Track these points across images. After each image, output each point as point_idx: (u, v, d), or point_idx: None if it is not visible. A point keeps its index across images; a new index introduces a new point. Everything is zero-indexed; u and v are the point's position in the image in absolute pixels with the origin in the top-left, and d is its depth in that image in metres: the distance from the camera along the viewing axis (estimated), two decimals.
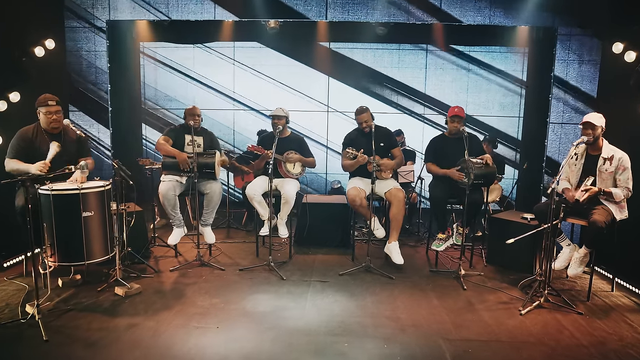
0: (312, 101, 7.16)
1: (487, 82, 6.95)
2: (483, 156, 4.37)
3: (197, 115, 4.59)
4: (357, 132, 4.80)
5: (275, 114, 4.78)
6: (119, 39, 6.28)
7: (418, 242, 5.51)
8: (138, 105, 7.00)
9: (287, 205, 4.63)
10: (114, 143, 6.26)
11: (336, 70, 7.08)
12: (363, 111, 4.60)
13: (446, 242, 4.55)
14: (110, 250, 3.69)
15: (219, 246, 5.12)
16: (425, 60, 6.98)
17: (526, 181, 6.29)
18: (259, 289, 3.95)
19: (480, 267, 4.65)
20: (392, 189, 4.52)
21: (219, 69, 7.12)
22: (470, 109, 6.87)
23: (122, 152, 6.04)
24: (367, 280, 4.20)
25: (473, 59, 6.93)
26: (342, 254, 4.96)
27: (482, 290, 4.01)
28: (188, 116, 4.57)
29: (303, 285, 4.06)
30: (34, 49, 4.75)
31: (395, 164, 4.71)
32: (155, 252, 4.86)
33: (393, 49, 6.98)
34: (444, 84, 7.02)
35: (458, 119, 4.47)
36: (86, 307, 3.49)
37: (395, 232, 4.49)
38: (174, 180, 4.48)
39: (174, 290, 3.90)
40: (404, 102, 7.11)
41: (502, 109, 6.98)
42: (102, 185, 3.56)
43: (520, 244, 3.82)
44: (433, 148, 4.70)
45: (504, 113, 6.97)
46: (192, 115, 4.55)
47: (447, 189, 4.46)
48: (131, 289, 3.75)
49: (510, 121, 6.98)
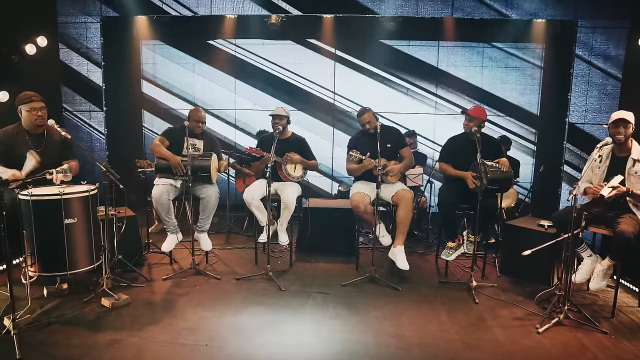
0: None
1: (502, 79, 6.59)
2: (499, 159, 4.07)
3: (201, 121, 4.37)
4: (361, 134, 4.53)
5: (276, 114, 4.53)
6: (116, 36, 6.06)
7: (427, 249, 5.20)
8: (139, 106, 6.80)
9: (287, 211, 4.37)
10: (109, 144, 6.04)
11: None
12: (364, 112, 4.34)
13: (456, 251, 4.24)
14: (96, 258, 3.46)
15: (217, 253, 4.88)
16: (437, 57, 6.67)
17: (543, 185, 5.95)
18: (255, 300, 3.69)
19: (493, 277, 4.34)
20: (400, 191, 4.24)
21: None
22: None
23: (119, 154, 5.85)
24: (371, 291, 3.93)
25: (489, 56, 6.59)
26: (346, 262, 4.69)
27: (495, 304, 3.71)
28: (191, 119, 4.35)
29: (302, 296, 3.80)
30: (25, 46, 4.56)
31: (402, 166, 4.42)
32: (149, 259, 4.64)
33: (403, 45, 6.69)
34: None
35: (469, 117, 4.17)
36: (69, 320, 3.26)
37: (401, 236, 4.20)
38: (168, 184, 4.25)
39: (164, 301, 3.66)
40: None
41: (517, 108, 6.62)
42: (86, 190, 3.33)
43: (536, 253, 3.52)
44: (449, 148, 4.42)
45: (520, 113, 6.61)
46: (196, 122, 4.34)
47: (458, 193, 4.16)
48: (118, 300, 3.52)
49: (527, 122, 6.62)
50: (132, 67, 6.60)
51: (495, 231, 5.15)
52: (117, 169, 4.67)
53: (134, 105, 6.69)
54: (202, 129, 4.43)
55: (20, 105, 3.61)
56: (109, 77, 6.10)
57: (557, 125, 6.07)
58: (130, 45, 6.47)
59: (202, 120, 4.39)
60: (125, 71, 6.48)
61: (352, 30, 6.27)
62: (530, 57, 6.44)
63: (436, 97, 6.68)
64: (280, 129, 4.40)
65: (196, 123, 4.34)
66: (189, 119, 4.40)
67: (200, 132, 4.40)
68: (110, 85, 6.21)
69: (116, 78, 6.26)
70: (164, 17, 6.04)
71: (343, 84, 6.77)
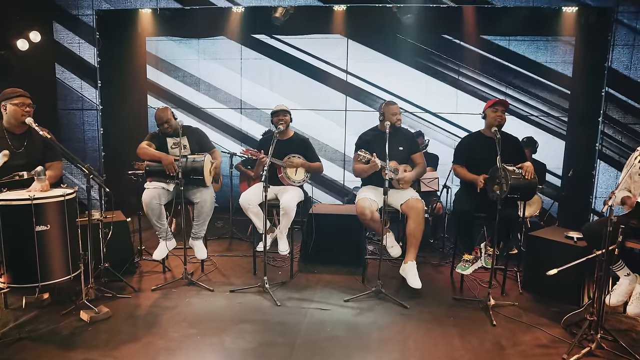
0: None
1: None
2: (522, 164, 3.63)
3: (164, 121, 4.01)
4: (373, 132, 4.15)
5: (280, 109, 4.18)
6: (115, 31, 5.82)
7: (442, 260, 4.78)
8: (143, 105, 6.57)
9: (287, 217, 4.03)
10: (105, 145, 5.81)
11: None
12: (393, 103, 4.00)
13: (473, 264, 3.82)
14: (74, 268, 3.19)
15: (215, 260, 4.58)
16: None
17: (572, 192, 5.43)
18: (247, 317, 3.36)
19: (514, 294, 3.89)
20: (410, 200, 3.85)
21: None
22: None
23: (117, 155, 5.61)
24: (375, 309, 3.55)
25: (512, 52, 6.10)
26: (352, 273, 4.31)
27: (515, 327, 3.27)
28: (159, 126, 4.06)
29: (299, 313, 3.45)
30: (17, 41, 4.35)
31: (414, 174, 4.03)
32: (143, 267, 4.37)
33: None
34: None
35: (503, 107, 3.75)
36: (41, 336, 3.00)
37: (412, 251, 3.81)
38: (160, 187, 3.97)
39: (148, 315, 3.37)
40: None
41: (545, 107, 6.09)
42: (60, 194, 3.06)
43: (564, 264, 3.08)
44: (465, 148, 4.00)
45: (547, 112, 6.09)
46: (162, 124, 4.02)
47: (475, 200, 3.75)
48: (98, 313, 3.24)
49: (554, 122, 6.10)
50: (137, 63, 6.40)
51: (517, 240, 4.68)
52: (116, 170, 4.40)
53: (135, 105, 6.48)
54: (173, 128, 4.03)
55: (5, 101, 3.37)
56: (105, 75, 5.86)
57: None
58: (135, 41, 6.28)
59: (164, 120, 4.02)
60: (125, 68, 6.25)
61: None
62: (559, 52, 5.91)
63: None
64: (282, 129, 4.07)
65: (162, 125, 4.02)
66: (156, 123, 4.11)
67: (171, 131, 4.04)
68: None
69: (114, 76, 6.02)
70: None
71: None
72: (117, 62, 5.96)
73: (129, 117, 6.18)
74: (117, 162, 5.43)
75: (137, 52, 6.37)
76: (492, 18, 5.63)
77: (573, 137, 5.88)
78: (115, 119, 5.94)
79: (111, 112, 5.85)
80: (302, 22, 5.92)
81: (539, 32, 5.82)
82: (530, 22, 5.58)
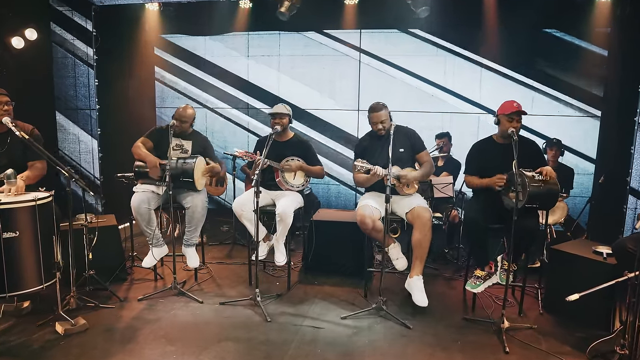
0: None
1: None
2: (542, 168, 3.23)
3: (183, 119, 3.81)
4: (369, 137, 3.82)
5: (276, 112, 3.91)
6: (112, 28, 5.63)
7: (456, 272, 4.39)
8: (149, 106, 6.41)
9: (283, 225, 3.74)
10: (102, 146, 5.60)
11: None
12: (377, 109, 3.61)
13: (486, 281, 3.43)
14: (47, 277, 2.99)
15: (212, 268, 4.35)
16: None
17: (603, 200, 4.92)
18: (231, 334, 3.09)
19: (533, 315, 3.48)
20: (416, 208, 3.49)
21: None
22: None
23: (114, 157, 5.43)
24: (374, 329, 3.21)
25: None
26: (355, 286, 3.98)
27: (531, 356, 2.88)
28: (175, 117, 3.84)
29: (289, 331, 3.15)
30: (11, 39, 4.23)
31: (419, 174, 3.66)
32: (136, 274, 4.16)
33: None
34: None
35: (520, 117, 3.35)
36: (9, 349, 2.81)
37: (418, 264, 3.46)
38: (149, 191, 3.75)
39: (127, 328, 3.14)
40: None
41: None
42: (31, 199, 2.86)
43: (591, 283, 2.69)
44: (476, 156, 3.61)
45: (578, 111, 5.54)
46: (178, 120, 3.80)
47: (489, 209, 3.37)
48: (74, 325, 3.04)
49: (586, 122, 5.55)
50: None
51: (540, 252, 4.24)
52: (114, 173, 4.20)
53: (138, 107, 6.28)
54: (187, 128, 3.87)
55: None
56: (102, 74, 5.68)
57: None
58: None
59: (183, 118, 3.81)
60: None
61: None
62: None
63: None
64: (278, 129, 3.78)
65: (179, 122, 3.80)
66: (173, 117, 3.89)
67: (179, 131, 3.84)
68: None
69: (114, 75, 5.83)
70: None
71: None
72: (119, 60, 5.78)
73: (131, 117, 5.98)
74: (114, 163, 5.24)
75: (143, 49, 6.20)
76: (516, 8, 5.18)
77: (605, 140, 5.36)
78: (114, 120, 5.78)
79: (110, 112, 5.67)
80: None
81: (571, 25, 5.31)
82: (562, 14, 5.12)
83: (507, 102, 3.43)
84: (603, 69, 5.30)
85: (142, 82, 6.22)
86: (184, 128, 3.85)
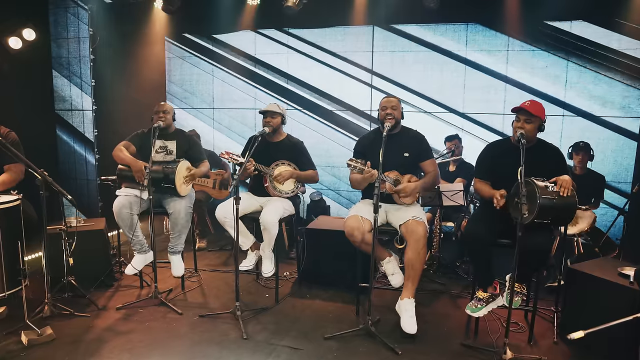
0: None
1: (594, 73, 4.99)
2: (557, 178, 2.80)
3: (161, 110, 3.66)
4: (373, 136, 3.51)
5: (268, 110, 3.67)
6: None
7: (465, 290, 3.97)
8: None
9: (267, 234, 3.48)
10: (99, 147, 5.48)
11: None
12: (390, 96, 3.37)
13: (489, 304, 3.03)
14: (10, 285, 2.86)
15: (204, 276, 4.16)
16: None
17: (638, 213, 4.36)
18: (200, 352, 2.86)
19: (546, 344, 3.05)
20: (409, 222, 3.14)
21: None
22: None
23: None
24: (358, 353, 2.89)
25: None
26: (347, 302, 3.67)
27: None
28: (154, 115, 3.68)
29: (263, 351, 2.88)
30: (8, 39, 4.20)
31: (420, 185, 3.30)
32: (125, 280, 4.01)
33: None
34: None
35: (527, 115, 2.94)
36: None
37: (410, 286, 3.11)
38: (132, 195, 3.59)
39: (94, 341, 2.97)
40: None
41: (621, 108, 4.96)
42: None
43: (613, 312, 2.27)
44: (487, 159, 3.22)
45: (621, 112, 4.95)
46: (157, 113, 3.65)
47: (496, 223, 2.97)
48: (40, 336, 2.90)
49: (627, 122, 4.95)
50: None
51: (559, 269, 3.75)
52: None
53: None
54: (167, 122, 3.69)
55: None
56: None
57: None
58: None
59: (162, 110, 3.67)
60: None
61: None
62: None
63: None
64: (266, 131, 3.54)
65: (157, 115, 3.66)
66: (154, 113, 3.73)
67: (164, 125, 3.66)
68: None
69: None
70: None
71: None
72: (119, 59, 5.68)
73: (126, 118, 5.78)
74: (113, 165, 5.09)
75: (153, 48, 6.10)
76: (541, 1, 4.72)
77: None
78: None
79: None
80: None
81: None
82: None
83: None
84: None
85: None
86: (168, 121, 3.69)
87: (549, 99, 5.06)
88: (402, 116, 3.38)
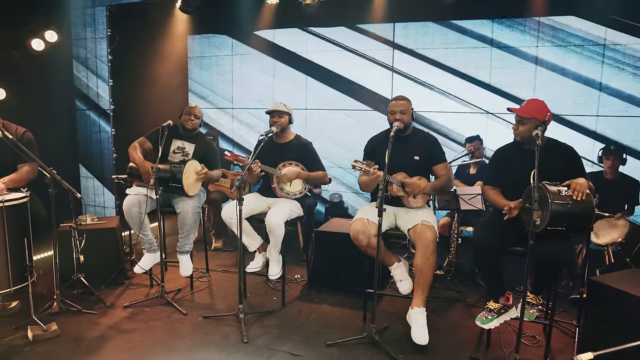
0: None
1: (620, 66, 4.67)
2: (571, 181, 2.61)
3: (194, 114, 3.73)
4: (383, 136, 3.38)
5: (274, 109, 3.61)
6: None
7: (482, 299, 3.77)
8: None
9: (273, 236, 3.42)
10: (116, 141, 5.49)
11: None
12: (399, 98, 3.22)
13: (500, 315, 2.85)
14: (16, 281, 2.92)
15: (215, 276, 4.15)
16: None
17: None
18: (200, 354, 2.83)
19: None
20: (418, 226, 3.00)
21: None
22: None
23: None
24: None
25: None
26: (355, 308, 3.55)
27: None
28: (184, 113, 3.75)
29: (262, 356, 2.82)
30: (31, 41, 4.33)
31: (431, 187, 3.15)
32: (136, 278, 4.04)
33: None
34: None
35: (518, 119, 2.79)
36: None
37: (420, 294, 2.97)
38: (142, 194, 3.60)
39: (97, 339, 2.99)
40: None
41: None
42: None
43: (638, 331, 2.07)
44: (498, 164, 3.04)
45: None
46: (188, 114, 3.72)
47: (505, 229, 2.79)
48: (45, 331, 2.95)
49: None
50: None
51: (582, 280, 3.50)
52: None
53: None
54: (195, 125, 3.75)
55: None
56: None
57: None
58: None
59: (195, 113, 3.74)
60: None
61: None
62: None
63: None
64: (275, 130, 3.47)
65: (188, 116, 3.73)
66: (181, 116, 3.75)
67: (191, 127, 3.73)
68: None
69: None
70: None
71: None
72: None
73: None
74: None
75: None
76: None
77: None
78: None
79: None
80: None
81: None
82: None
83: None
84: None
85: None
86: (195, 125, 3.75)
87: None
88: (412, 118, 3.24)
